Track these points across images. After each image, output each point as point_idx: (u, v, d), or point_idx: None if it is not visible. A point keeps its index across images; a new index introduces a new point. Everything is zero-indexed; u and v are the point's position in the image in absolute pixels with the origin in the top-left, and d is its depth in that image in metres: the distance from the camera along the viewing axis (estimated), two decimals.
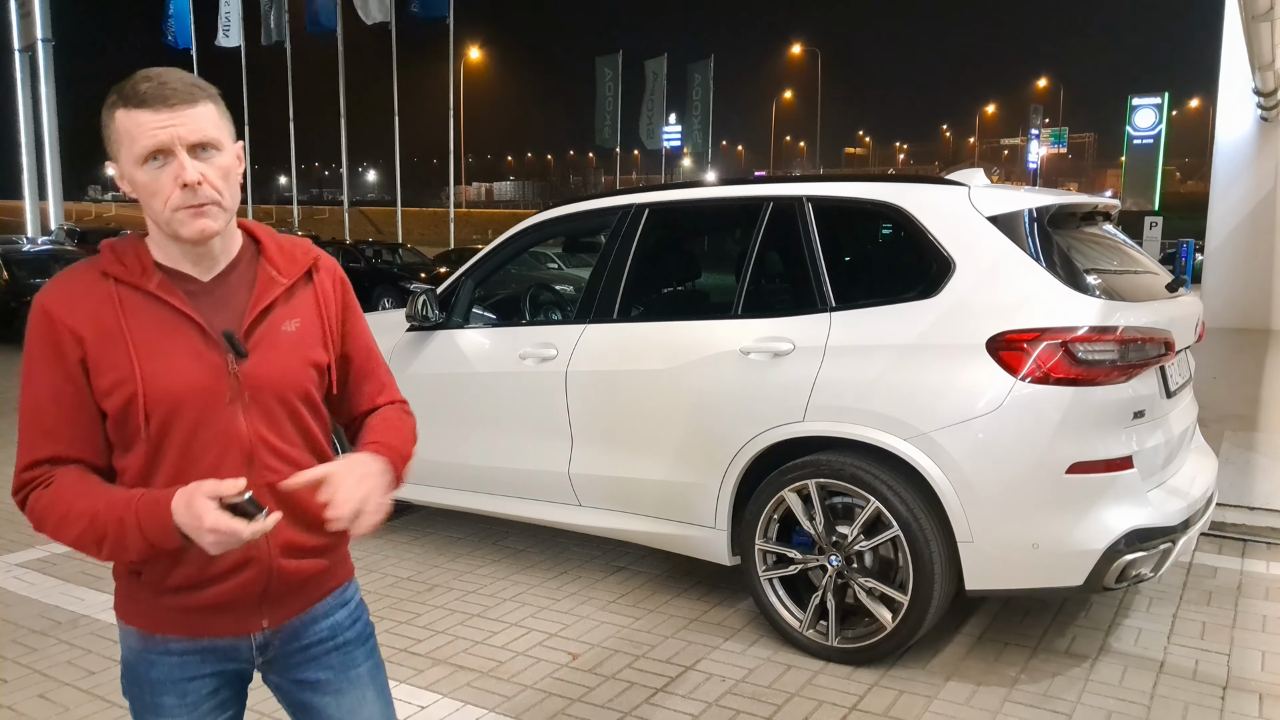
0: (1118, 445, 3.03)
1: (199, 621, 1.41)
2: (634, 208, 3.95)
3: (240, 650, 1.46)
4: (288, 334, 1.41)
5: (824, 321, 3.35)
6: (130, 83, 1.30)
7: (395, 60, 29.94)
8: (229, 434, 1.36)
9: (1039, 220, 3.23)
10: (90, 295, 1.34)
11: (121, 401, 1.33)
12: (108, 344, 1.32)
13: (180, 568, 1.38)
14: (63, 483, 1.34)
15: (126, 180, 1.33)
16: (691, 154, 42.52)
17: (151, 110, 1.28)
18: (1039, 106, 49.91)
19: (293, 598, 1.47)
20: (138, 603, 1.43)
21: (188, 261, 1.38)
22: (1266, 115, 11.89)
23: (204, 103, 1.32)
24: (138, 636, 1.44)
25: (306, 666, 1.50)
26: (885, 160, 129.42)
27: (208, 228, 1.32)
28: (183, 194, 1.29)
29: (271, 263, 1.44)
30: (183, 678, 1.43)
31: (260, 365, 1.38)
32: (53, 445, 1.35)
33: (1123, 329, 3.03)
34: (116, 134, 1.31)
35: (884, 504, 3.14)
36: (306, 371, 1.43)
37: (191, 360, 1.34)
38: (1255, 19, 7.62)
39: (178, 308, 1.35)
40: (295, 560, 1.43)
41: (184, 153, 1.29)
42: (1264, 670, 3.24)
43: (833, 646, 3.28)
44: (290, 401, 1.41)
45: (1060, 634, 3.53)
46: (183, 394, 1.33)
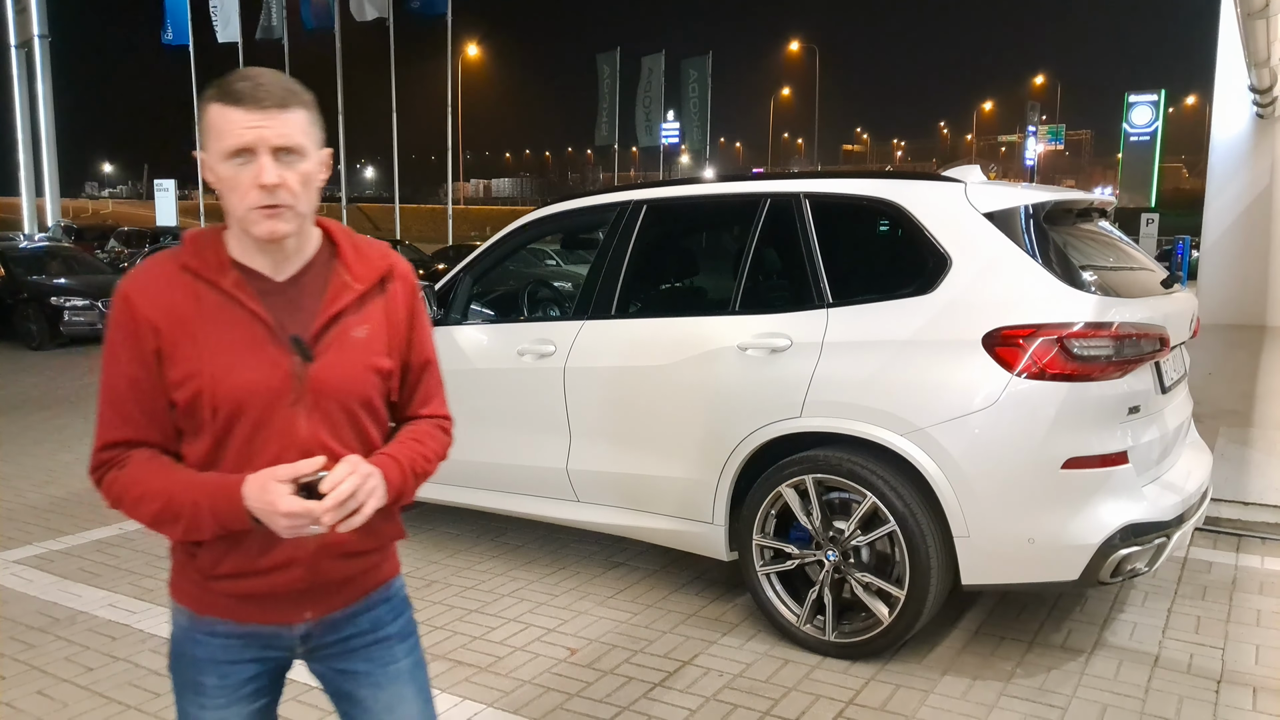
0: (1113, 440, 3.04)
1: (244, 608, 1.45)
2: (632, 204, 3.96)
3: (282, 638, 1.49)
4: (356, 340, 1.43)
5: (821, 317, 3.36)
6: (229, 79, 1.33)
7: (393, 57, 29.89)
8: (288, 434, 1.38)
9: (1035, 217, 3.24)
10: (169, 287, 1.38)
11: (189, 395, 1.36)
12: (181, 337, 1.36)
13: (232, 556, 1.42)
14: (137, 463, 1.39)
15: (210, 171, 1.37)
16: (690, 151, 42.47)
17: (243, 109, 1.31)
18: (1036, 104, 49.86)
19: (336, 593, 1.50)
20: (189, 584, 1.47)
21: (263, 259, 1.41)
22: (1262, 112, 11.91)
23: (296, 109, 1.35)
24: (187, 616, 1.48)
25: (346, 658, 1.53)
26: (883, 157, 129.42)
27: (278, 230, 1.35)
28: (259, 194, 1.32)
29: (347, 267, 1.45)
30: (225, 660, 1.47)
31: (326, 370, 1.40)
32: (127, 429, 1.40)
33: (1118, 325, 3.04)
34: (208, 126, 1.34)
35: (880, 499, 3.16)
36: (370, 378, 1.45)
37: (259, 360, 1.37)
38: (1251, 16, 7.63)
39: (250, 307, 1.38)
40: (340, 562, 1.47)
41: (267, 155, 1.32)
42: (1258, 664, 3.26)
43: (830, 641, 3.30)
44: (351, 407, 1.43)
45: (1056, 628, 3.55)
46: (247, 393, 1.36)
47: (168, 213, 30.25)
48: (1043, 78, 74.61)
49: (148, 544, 4.49)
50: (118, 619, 3.61)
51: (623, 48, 36.73)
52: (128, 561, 4.25)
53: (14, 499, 5.25)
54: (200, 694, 1.47)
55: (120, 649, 3.35)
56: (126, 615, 3.64)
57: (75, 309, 12.06)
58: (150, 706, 2.95)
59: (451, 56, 29.92)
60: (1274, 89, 10.94)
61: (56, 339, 11.97)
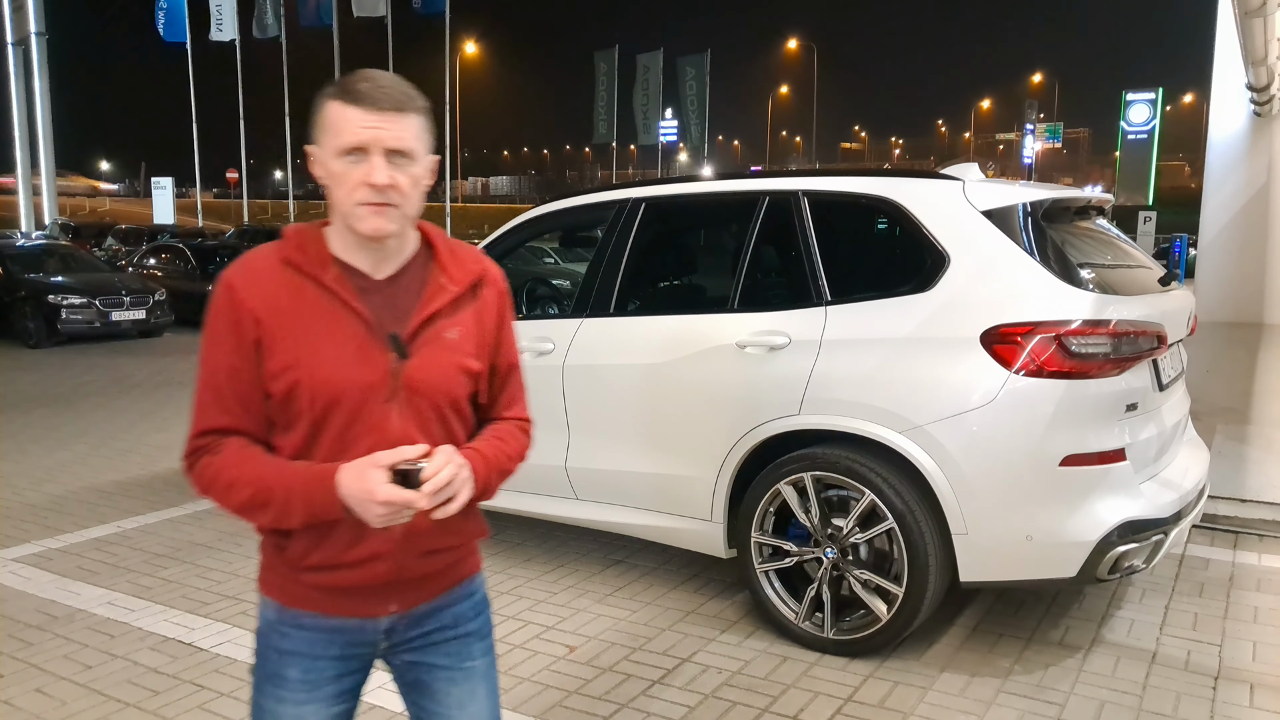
0: (1111, 438, 3.05)
1: (331, 601, 1.47)
2: (630, 202, 3.96)
3: (367, 632, 1.50)
4: (449, 341, 1.46)
5: (819, 315, 3.37)
6: (350, 79, 1.37)
7: (391, 54, 29.87)
8: (381, 430, 1.40)
9: (1033, 215, 3.25)
10: (270, 279, 1.40)
11: (286, 386, 1.39)
12: (281, 329, 1.39)
13: (321, 548, 1.43)
14: (229, 451, 1.40)
15: (320, 165, 1.39)
16: (688, 149, 42.45)
17: (362, 109, 1.34)
18: (1034, 101, 49.90)
19: (421, 588, 1.52)
20: (277, 576, 1.49)
21: (363, 257, 1.43)
22: (1260, 110, 11.91)
23: (412, 114, 1.38)
24: (275, 608, 1.50)
25: (426, 651, 1.55)
26: (881, 155, 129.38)
27: (383, 228, 1.38)
28: (368, 191, 1.35)
29: (443, 269, 1.48)
30: (310, 654, 1.48)
31: (420, 368, 1.43)
32: (224, 417, 1.41)
33: (1115, 322, 3.05)
34: (325, 122, 1.37)
35: (879, 496, 3.16)
36: (460, 378, 1.48)
37: (355, 356, 1.39)
38: (1249, 14, 7.63)
39: (350, 304, 1.40)
40: (423, 559, 1.49)
41: (379, 156, 1.35)
42: (1255, 660, 3.27)
43: (828, 638, 3.30)
44: (441, 406, 1.46)
45: (1054, 625, 3.55)
46: (343, 387, 1.39)
47: (165, 211, 30.20)
48: (1040, 76, 74.61)
49: (146, 542, 4.49)
50: (116, 617, 3.61)
51: (621, 45, 36.71)
52: (126, 560, 4.25)
53: (12, 497, 5.25)
54: (280, 686, 1.48)
55: (119, 647, 3.35)
56: (125, 613, 3.64)
57: (73, 307, 12.05)
58: (149, 704, 2.95)
59: (450, 54, 29.91)
60: (1271, 87, 10.93)
61: (54, 337, 11.96)
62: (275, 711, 1.48)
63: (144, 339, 12.81)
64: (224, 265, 7.86)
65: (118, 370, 10.11)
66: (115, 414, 7.68)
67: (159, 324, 12.94)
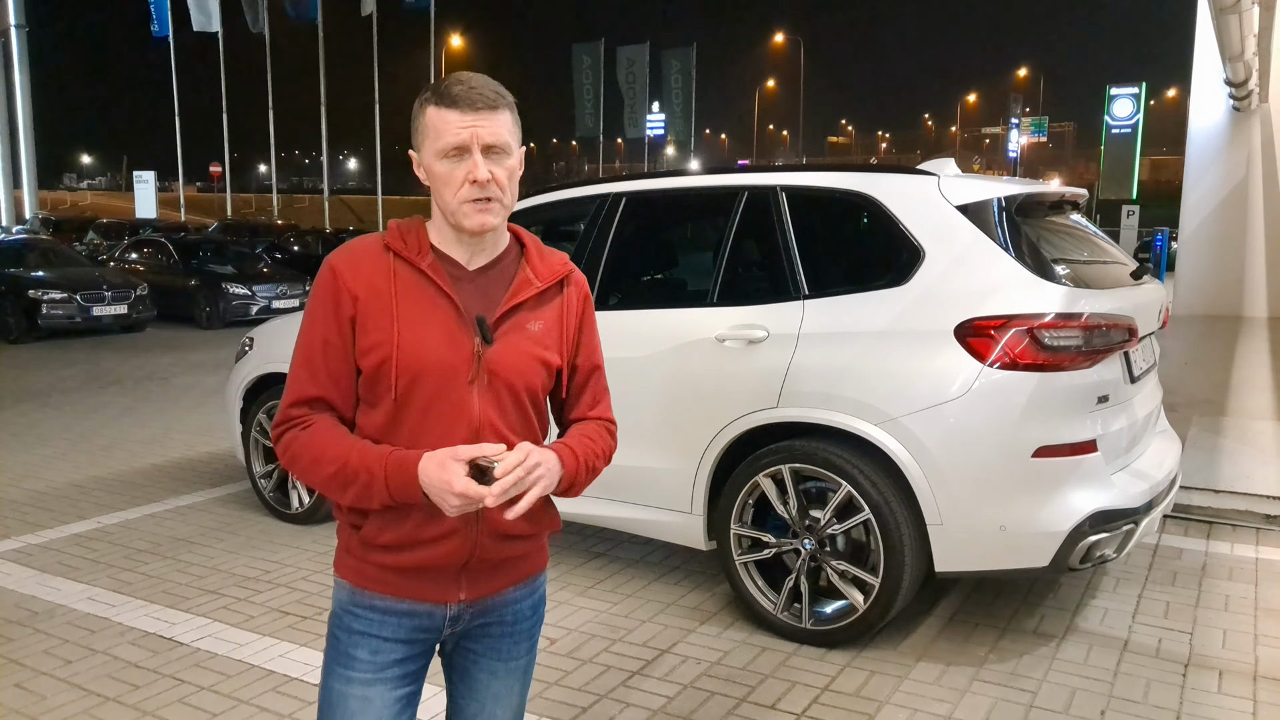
0: (1082, 429, 3.09)
1: (403, 583, 1.52)
2: (611, 196, 3.97)
3: (435, 618, 1.55)
4: (531, 332, 1.54)
5: (797, 309, 3.40)
6: (445, 83, 1.45)
7: (376, 48, 29.73)
8: (461, 410, 1.47)
9: (1007, 209, 3.28)
10: (371, 263, 1.49)
11: (377, 361, 1.46)
12: (377, 307, 1.47)
13: (395, 527, 1.49)
14: (319, 428, 1.48)
15: (424, 169, 1.48)
16: (675, 143, 42.43)
17: (459, 111, 1.42)
18: (1019, 96, 50.17)
19: (492, 575, 1.57)
20: (351, 558, 1.54)
21: (459, 249, 1.52)
22: (1238, 105, 12.03)
23: (504, 110, 1.46)
24: (347, 590, 1.55)
25: (479, 640, 1.62)
26: (868, 149, 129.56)
27: (488, 223, 1.46)
28: (471, 188, 1.44)
29: (531, 266, 1.56)
30: (379, 635, 1.53)
31: (502, 354, 1.50)
32: (315, 387, 1.49)
33: (1087, 315, 3.09)
34: (425, 127, 1.46)
35: (855, 488, 3.20)
36: (538, 369, 1.54)
37: (444, 337, 1.47)
38: (1223, 11, 7.71)
39: (442, 287, 1.48)
40: (499, 542, 1.54)
41: (479, 153, 1.43)
42: (1225, 648, 3.32)
43: (806, 629, 3.34)
44: (519, 393, 1.52)
45: (1029, 614, 3.60)
46: (430, 365, 1.46)
47: (147, 205, 29.98)
48: (1026, 70, 74.87)
49: (126, 538, 4.49)
50: (96, 612, 3.61)
51: (608, 39, 36.64)
52: (106, 555, 4.25)
53: None
54: (348, 666, 1.53)
55: (99, 642, 3.35)
56: (105, 608, 3.64)
57: (53, 302, 11.97)
58: (129, 699, 2.95)
59: (435, 47, 29.79)
60: (1249, 82, 11.05)
61: (34, 332, 11.87)
62: (343, 692, 1.53)
63: (126, 334, 12.74)
64: (207, 260, 7.81)
65: (99, 365, 10.06)
66: (96, 409, 7.64)
67: (141, 319, 12.87)
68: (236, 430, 4.92)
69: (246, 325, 13.16)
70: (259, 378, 4.76)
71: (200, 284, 13.79)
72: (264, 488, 4.81)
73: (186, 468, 5.84)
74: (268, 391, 4.75)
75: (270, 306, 13.68)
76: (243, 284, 13.83)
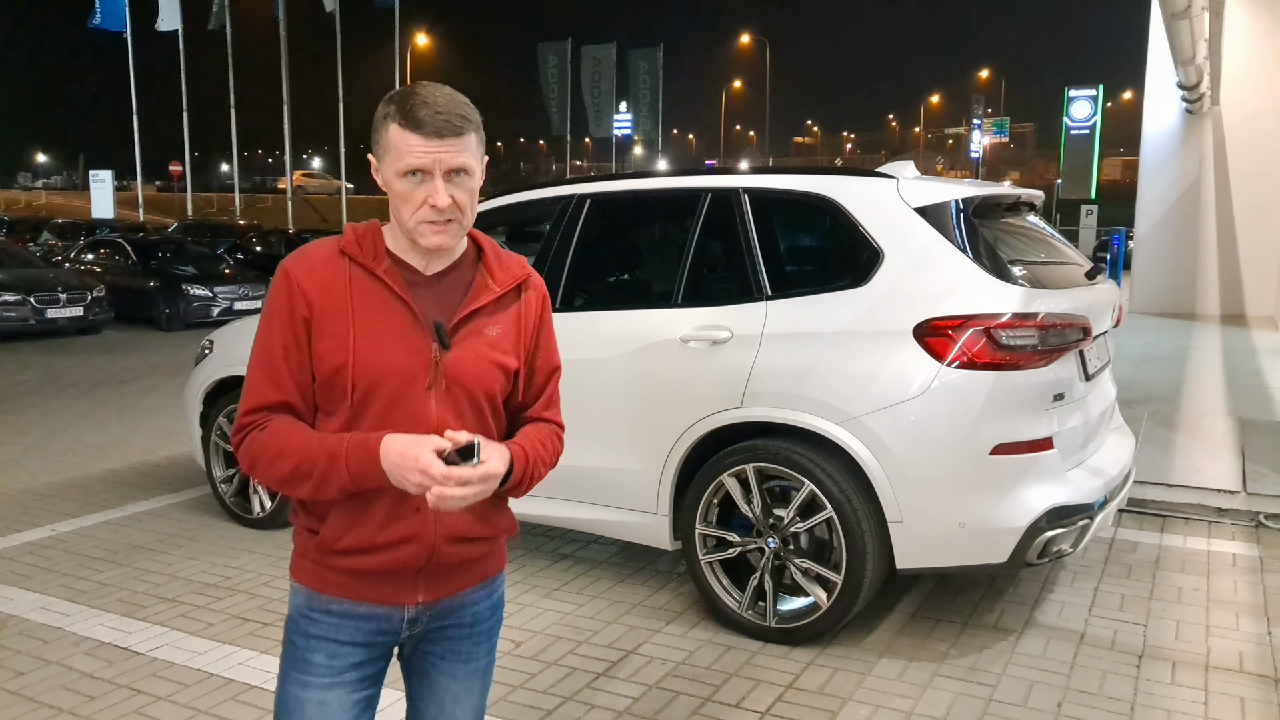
0: (1039, 426, 3.15)
1: (361, 586, 1.51)
2: (576, 198, 3.97)
3: (393, 620, 1.54)
4: (489, 337, 1.53)
5: (760, 310, 3.42)
6: (409, 102, 1.41)
7: (340, 46, 29.43)
8: (419, 416, 1.47)
9: (964, 211, 3.33)
10: (326, 267, 1.48)
11: (333, 367, 1.46)
12: (332, 312, 1.46)
13: (354, 531, 1.48)
14: (276, 426, 1.46)
15: (383, 180, 1.47)
16: (642, 142, 42.46)
17: (423, 137, 1.41)
18: (980, 97, 50.82)
19: (449, 578, 1.57)
20: (309, 562, 1.54)
21: (416, 255, 1.51)
22: (1190, 108, 12.30)
23: (469, 134, 1.44)
24: (304, 595, 1.54)
25: (437, 643, 1.61)
26: (833, 150, 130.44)
27: (444, 243, 1.47)
28: (430, 211, 1.43)
29: (489, 271, 1.56)
30: (336, 639, 1.52)
31: (459, 359, 1.49)
32: (275, 393, 1.47)
33: (1043, 315, 3.14)
34: (386, 144, 1.44)
35: (818, 486, 3.23)
36: (496, 374, 1.54)
37: (400, 342, 1.47)
38: (1175, 17, 7.88)
39: (398, 293, 1.48)
40: (455, 546, 1.53)
41: (440, 177, 1.42)
42: (1177, 639, 3.40)
43: (770, 627, 3.36)
44: (477, 397, 1.52)
45: (989, 609, 3.66)
46: (387, 371, 1.46)
47: (104, 205, 29.40)
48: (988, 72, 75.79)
49: (81, 545, 4.41)
50: (50, 622, 3.54)
51: (575, 38, 36.57)
52: (60, 564, 4.17)
53: None
54: (306, 671, 1.52)
55: (52, 652, 3.29)
56: (59, 618, 3.57)
57: (6, 304, 11.71)
58: (84, 710, 2.90)
59: (400, 45, 29.56)
60: (1200, 85, 11.30)
61: None
62: (300, 698, 1.52)
63: (82, 336, 12.49)
64: (167, 260, 7.72)
65: (54, 369, 9.86)
66: (51, 414, 7.49)
67: (98, 321, 12.63)
68: (196, 434, 4.85)
69: (208, 327, 12.97)
70: (219, 381, 4.70)
71: (160, 285, 13.56)
72: (224, 492, 4.75)
73: (145, 473, 5.74)
74: (228, 395, 4.68)
75: (232, 308, 13.49)
76: (204, 285, 13.62)
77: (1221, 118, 12.49)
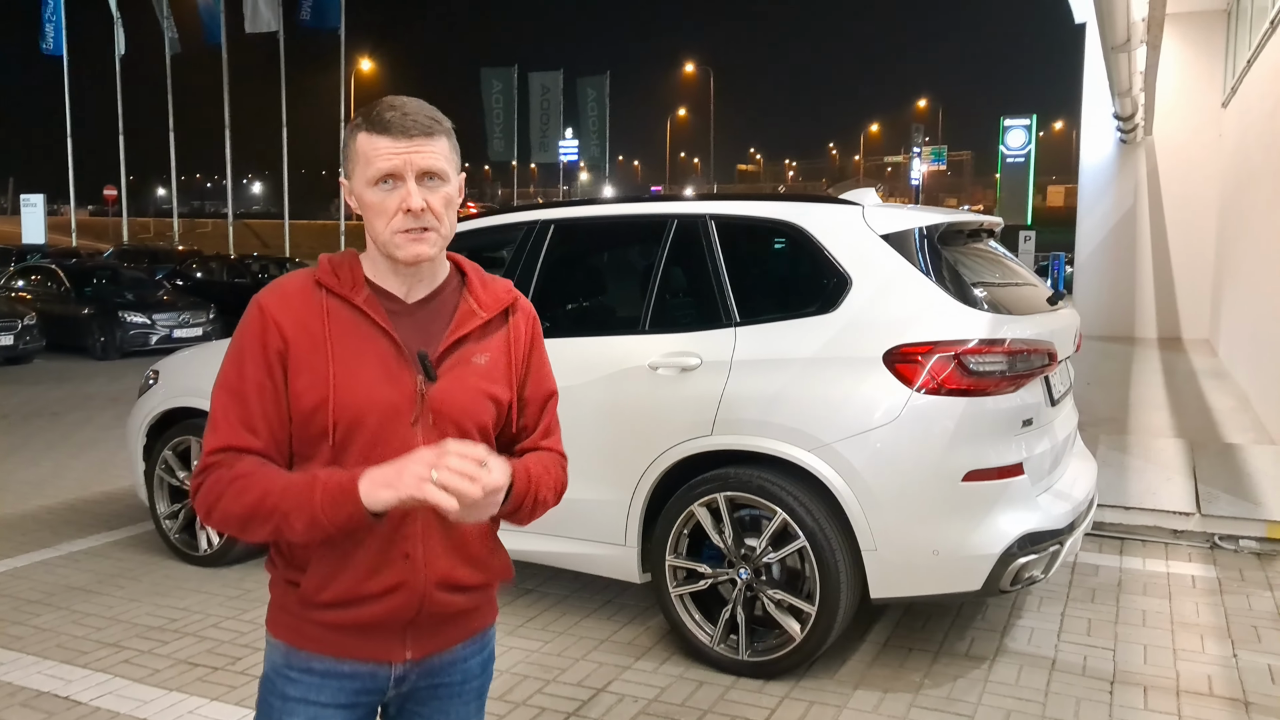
0: (1010, 452, 3.15)
1: (345, 642, 1.41)
2: (539, 224, 3.91)
3: (379, 679, 1.44)
4: (476, 366, 1.45)
5: (729, 336, 3.38)
6: (376, 109, 1.37)
7: (284, 70, 29.03)
8: (406, 452, 1.33)
9: (929, 238, 3.35)
10: (301, 300, 1.40)
11: (310, 405, 1.37)
12: (309, 347, 1.38)
13: (339, 580, 1.38)
14: (243, 465, 1.34)
15: (355, 197, 1.40)
16: (588, 168, 42.61)
17: (391, 138, 1.35)
18: (920, 126, 52.11)
19: (439, 631, 1.47)
20: (288, 616, 1.43)
21: (396, 281, 1.43)
22: (1125, 138, 12.71)
23: (440, 136, 1.38)
24: (283, 651, 1.44)
25: (426, 702, 1.51)
26: (776, 176, 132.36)
27: (423, 253, 1.38)
28: (405, 218, 1.36)
29: (474, 296, 1.48)
30: (318, 701, 1.41)
31: (446, 391, 1.41)
32: (245, 434, 1.36)
33: (1010, 341, 3.16)
34: (355, 154, 1.38)
35: (790, 515, 3.19)
36: (486, 405, 1.46)
37: (383, 375, 1.38)
38: (1114, 49, 8.14)
39: (379, 323, 1.40)
40: (447, 594, 1.44)
41: (413, 180, 1.35)
42: (1146, 664, 3.42)
43: (743, 660, 3.30)
44: (468, 431, 1.42)
45: (960, 637, 3.64)
46: (370, 406, 1.37)
47: (35, 230, 28.46)
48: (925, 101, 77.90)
49: (15, 587, 4.17)
50: None
51: (522, 65, 36.64)
52: None
53: None
54: None
55: None
56: None
57: None
58: None
59: (345, 70, 29.25)
60: (1135, 116, 11.69)
61: None
62: None
63: (12, 366, 11.99)
64: (101, 286, 7.43)
65: None
66: None
67: (28, 350, 12.15)
68: (139, 468, 4.64)
69: (145, 355, 12.56)
70: (165, 412, 4.51)
71: (94, 312, 13.10)
72: (169, 529, 4.54)
73: (81, 509, 5.48)
74: (175, 427, 4.49)
75: (172, 335, 13.09)
76: (141, 312, 13.19)
77: (1154, 148, 12.95)
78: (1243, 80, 9.88)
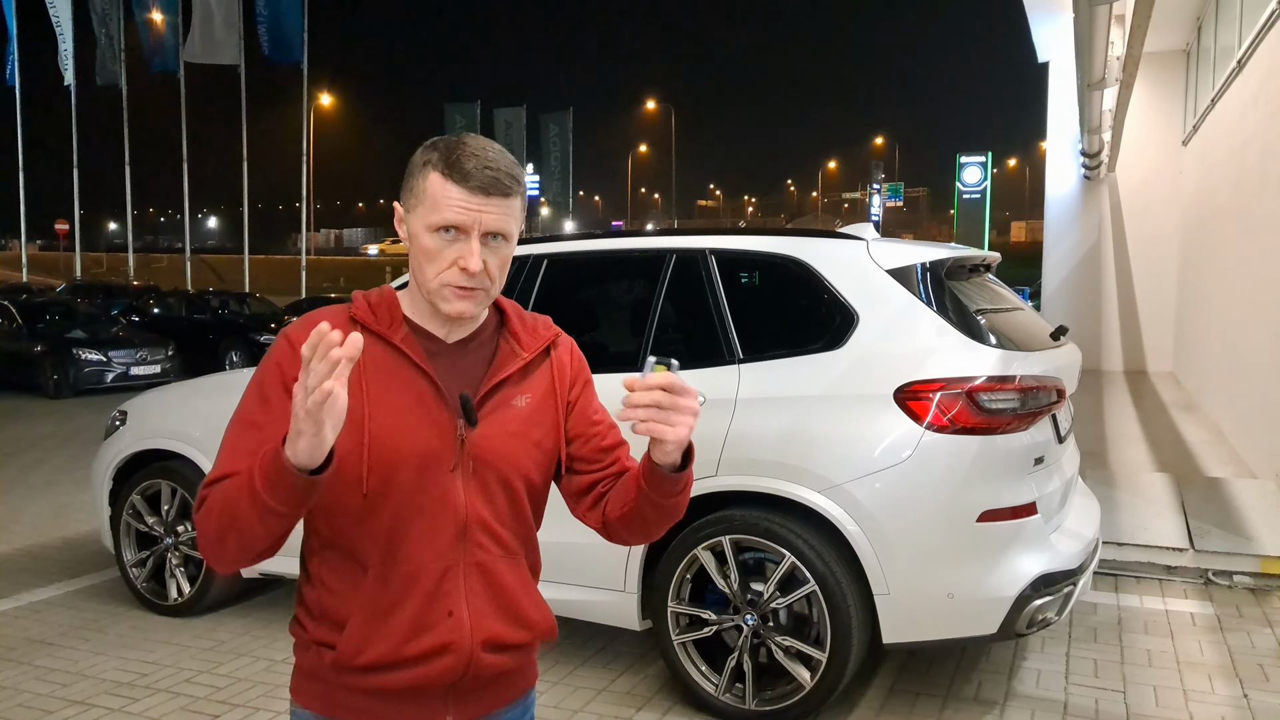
0: (1023, 491, 3.08)
1: (384, 710, 1.30)
2: (531, 259, 3.80)
3: None
4: (518, 410, 1.37)
5: (733, 374, 3.30)
6: (458, 153, 1.26)
7: (244, 104, 28.74)
8: (445, 502, 1.29)
9: (934, 273, 3.30)
10: None
11: (343, 449, 1.20)
12: None
13: (377, 642, 1.28)
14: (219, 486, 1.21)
15: (409, 232, 1.31)
16: (550, 203, 42.64)
17: (467, 191, 1.25)
18: (879, 162, 53.12)
19: (482, 696, 1.37)
20: (317, 682, 1.32)
21: (436, 322, 1.35)
22: (1089, 174, 12.98)
23: (515, 197, 1.30)
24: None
25: None
26: (736, 212, 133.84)
27: (467, 311, 1.30)
28: (459, 274, 1.27)
29: (514, 336, 1.40)
30: None
31: (488, 437, 1.32)
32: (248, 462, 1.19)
33: (1020, 378, 3.11)
34: (422, 192, 1.28)
35: (799, 559, 3.08)
36: (530, 452, 1.37)
37: (422, 419, 1.30)
38: (1091, 86, 8.30)
39: (419, 364, 1.31)
40: (494, 655, 1.34)
41: (477, 239, 1.27)
42: (1159, 705, 3.35)
43: (750, 710, 3.17)
44: (509, 479, 1.35)
45: (967, 680, 3.55)
46: (408, 453, 1.28)
47: None
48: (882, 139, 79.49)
49: None
50: None
51: (483, 101, 36.70)
52: None
53: None
54: None
55: None
56: None
57: None
58: None
59: (307, 104, 29.05)
60: (1101, 154, 11.94)
61: None
62: None
63: None
64: (54, 323, 7.15)
65: None
66: None
67: None
68: (105, 514, 4.41)
69: (101, 394, 12.17)
70: (133, 455, 4.30)
71: (47, 349, 12.65)
72: (136, 577, 4.31)
73: (39, 556, 5.20)
74: (143, 470, 4.28)
75: (129, 373, 12.69)
76: (96, 349, 12.76)
77: (1117, 184, 13.23)
78: (1205, 118, 10.13)
